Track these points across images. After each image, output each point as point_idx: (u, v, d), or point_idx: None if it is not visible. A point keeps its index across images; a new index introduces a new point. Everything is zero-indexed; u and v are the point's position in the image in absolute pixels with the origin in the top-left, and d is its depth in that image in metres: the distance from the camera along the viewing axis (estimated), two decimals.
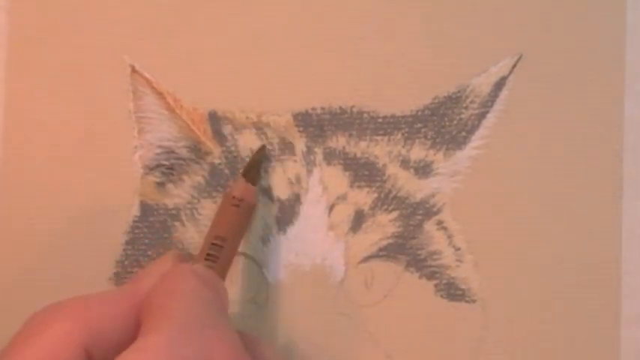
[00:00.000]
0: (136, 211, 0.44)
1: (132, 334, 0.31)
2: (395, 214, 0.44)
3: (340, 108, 0.44)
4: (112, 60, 0.44)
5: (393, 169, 0.44)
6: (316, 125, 0.44)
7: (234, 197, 0.41)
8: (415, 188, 0.44)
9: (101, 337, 0.31)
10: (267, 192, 0.44)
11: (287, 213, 0.43)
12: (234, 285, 0.44)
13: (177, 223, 0.44)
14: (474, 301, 0.44)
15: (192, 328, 0.30)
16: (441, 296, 0.43)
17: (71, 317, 0.31)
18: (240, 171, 0.43)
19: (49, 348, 0.30)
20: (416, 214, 0.44)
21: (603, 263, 0.44)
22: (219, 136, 0.44)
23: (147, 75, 0.44)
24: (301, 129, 0.44)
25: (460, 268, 0.43)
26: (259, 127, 0.44)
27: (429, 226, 0.44)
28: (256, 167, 0.43)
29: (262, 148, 0.44)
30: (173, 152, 0.44)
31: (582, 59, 0.44)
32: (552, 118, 0.44)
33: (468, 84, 0.44)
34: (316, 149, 0.44)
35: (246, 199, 0.41)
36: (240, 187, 0.42)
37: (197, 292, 0.33)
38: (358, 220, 0.43)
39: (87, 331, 0.30)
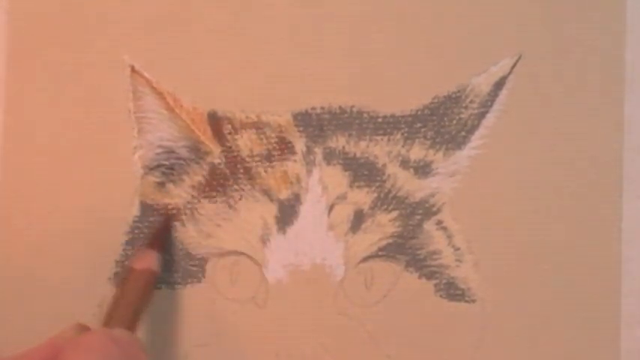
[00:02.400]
0: (136, 211, 0.44)
1: None
2: (394, 213, 0.44)
3: (340, 108, 0.44)
4: (112, 60, 0.44)
5: (392, 169, 0.44)
6: (316, 125, 0.44)
7: (132, 267, 0.42)
8: (415, 188, 0.44)
9: None
10: (267, 192, 0.44)
11: (287, 213, 0.43)
12: (234, 285, 0.44)
13: (177, 223, 0.44)
14: (473, 301, 0.43)
15: None
16: (441, 296, 0.43)
17: None
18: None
19: None
20: (415, 213, 0.44)
21: (603, 263, 0.43)
22: (219, 136, 0.44)
23: (147, 75, 0.44)
24: (301, 129, 0.44)
25: (460, 267, 0.43)
26: (259, 127, 0.44)
27: (429, 225, 0.44)
28: (159, 237, 0.43)
29: (168, 218, 0.44)
30: (173, 152, 0.44)
31: (582, 59, 0.44)
32: (552, 118, 0.44)
33: (468, 84, 0.44)
34: (316, 149, 0.44)
35: (144, 267, 0.42)
36: (139, 255, 0.42)
37: (100, 348, 0.36)
38: (358, 220, 0.43)
39: None
